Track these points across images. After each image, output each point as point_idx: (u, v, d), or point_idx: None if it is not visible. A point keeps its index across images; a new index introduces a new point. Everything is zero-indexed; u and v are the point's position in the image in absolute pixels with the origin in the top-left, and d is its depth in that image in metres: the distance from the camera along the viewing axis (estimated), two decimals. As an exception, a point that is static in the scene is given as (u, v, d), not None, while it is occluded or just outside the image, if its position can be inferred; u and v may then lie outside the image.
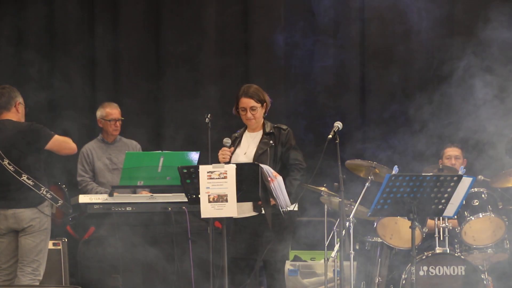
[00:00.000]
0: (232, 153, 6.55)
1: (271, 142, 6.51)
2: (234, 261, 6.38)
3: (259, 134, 6.62)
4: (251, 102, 6.50)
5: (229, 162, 6.39)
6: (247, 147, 6.61)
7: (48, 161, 7.06)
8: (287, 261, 7.84)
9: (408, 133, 8.29)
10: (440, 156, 8.16)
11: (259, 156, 6.45)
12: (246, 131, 6.67)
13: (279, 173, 6.23)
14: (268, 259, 6.48)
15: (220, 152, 6.42)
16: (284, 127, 6.60)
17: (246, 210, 6.29)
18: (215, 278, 6.42)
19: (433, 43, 8.84)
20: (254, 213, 6.31)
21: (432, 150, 8.39)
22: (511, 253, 7.48)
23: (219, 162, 6.32)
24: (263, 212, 6.24)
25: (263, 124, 6.61)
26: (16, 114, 6.76)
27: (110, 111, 7.94)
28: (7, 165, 6.61)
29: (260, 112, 6.55)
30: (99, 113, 7.99)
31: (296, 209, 6.58)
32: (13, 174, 6.57)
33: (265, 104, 6.56)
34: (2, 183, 6.61)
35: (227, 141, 6.47)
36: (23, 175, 6.58)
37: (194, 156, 7.24)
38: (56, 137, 6.73)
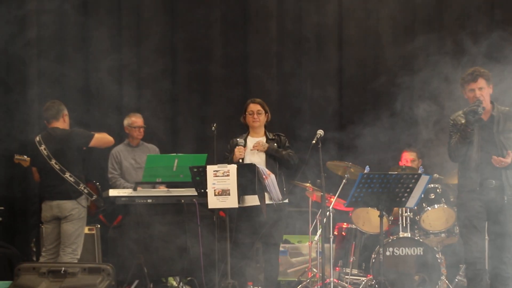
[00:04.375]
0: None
1: (275, 145, 6.66)
2: (237, 244, 6.49)
3: (262, 140, 6.71)
4: (258, 107, 6.69)
5: (243, 159, 6.57)
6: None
7: (85, 161, 7.11)
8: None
9: (377, 138, 7.97)
10: (399, 158, 8.06)
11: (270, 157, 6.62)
12: (249, 136, 6.76)
13: (278, 169, 6.49)
14: (266, 242, 6.59)
15: (237, 149, 6.52)
16: (283, 134, 6.81)
17: (251, 200, 6.35)
18: (220, 260, 6.52)
19: (401, 61, 8.66)
20: (257, 203, 6.30)
21: (396, 152, 8.22)
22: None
23: (223, 163, 6.39)
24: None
25: (265, 132, 6.76)
26: (63, 123, 6.83)
27: (135, 120, 7.94)
28: (54, 164, 6.66)
29: (263, 118, 6.71)
30: (125, 122, 7.99)
31: (286, 201, 6.71)
32: (58, 172, 6.65)
33: (267, 114, 6.74)
34: (50, 179, 6.71)
35: (241, 141, 6.60)
36: (66, 172, 6.65)
37: (203, 158, 7.23)
38: (96, 135, 6.80)
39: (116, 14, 9.14)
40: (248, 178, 6.07)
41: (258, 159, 6.56)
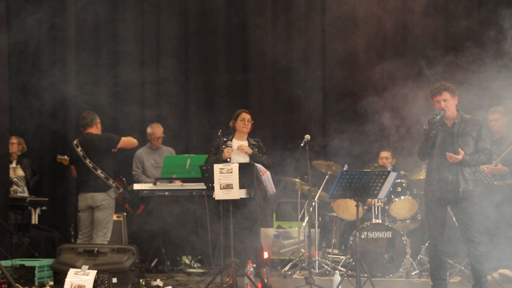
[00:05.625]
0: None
1: (255, 149, 6.84)
2: (238, 228, 6.63)
3: (245, 143, 6.85)
4: (248, 116, 6.88)
5: (230, 158, 6.72)
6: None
7: (114, 160, 7.25)
8: (272, 228, 8.37)
9: (356, 141, 8.13)
10: (377, 157, 8.20)
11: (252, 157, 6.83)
12: (234, 138, 6.85)
13: None
14: (257, 225, 6.74)
15: (227, 150, 6.67)
16: (261, 141, 6.96)
17: (242, 193, 6.42)
18: (223, 240, 6.63)
19: (377, 76, 8.68)
20: (247, 196, 6.43)
21: (370, 153, 8.41)
22: (422, 222, 7.56)
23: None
24: (251, 195, 6.46)
25: (247, 138, 6.91)
26: (96, 129, 7.14)
27: (155, 132, 8.25)
28: (88, 163, 6.94)
29: (250, 126, 6.90)
30: (148, 130, 8.32)
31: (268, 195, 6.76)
32: (91, 169, 6.96)
33: (251, 125, 6.92)
34: (85, 175, 7.01)
35: (230, 143, 6.76)
36: (98, 169, 6.95)
37: (211, 158, 7.24)
38: (123, 138, 7.07)
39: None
40: (248, 175, 6.25)
41: (242, 160, 6.70)
